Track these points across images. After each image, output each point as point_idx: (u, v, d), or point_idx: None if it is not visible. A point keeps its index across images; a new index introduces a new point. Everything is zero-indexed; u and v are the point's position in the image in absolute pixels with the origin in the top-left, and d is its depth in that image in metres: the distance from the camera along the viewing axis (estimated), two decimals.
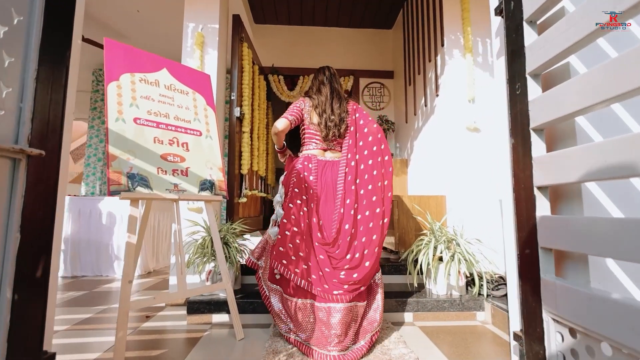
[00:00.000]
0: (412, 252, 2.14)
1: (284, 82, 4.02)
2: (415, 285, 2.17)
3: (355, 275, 1.53)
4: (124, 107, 1.63)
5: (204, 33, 2.49)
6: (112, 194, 1.44)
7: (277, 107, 5.92)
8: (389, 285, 2.29)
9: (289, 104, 6.18)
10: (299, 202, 1.70)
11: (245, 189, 2.93)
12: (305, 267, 1.57)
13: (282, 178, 1.92)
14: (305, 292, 1.56)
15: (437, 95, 2.75)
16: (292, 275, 1.57)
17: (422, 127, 3.13)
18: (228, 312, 1.88)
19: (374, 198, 1.65)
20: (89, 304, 2.30)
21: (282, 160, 2.08)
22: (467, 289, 2.12)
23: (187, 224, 2.13)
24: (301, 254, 1.60)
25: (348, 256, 1.58)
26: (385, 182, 1.70)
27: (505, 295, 2.00)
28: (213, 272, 1.93)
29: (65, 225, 3.19)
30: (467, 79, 2.56)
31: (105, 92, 1.59)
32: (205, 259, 1.95)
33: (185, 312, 2.03)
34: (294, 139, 2.26)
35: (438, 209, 2.55)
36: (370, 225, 1.62)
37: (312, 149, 1.88)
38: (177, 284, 1.59)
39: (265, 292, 1.75)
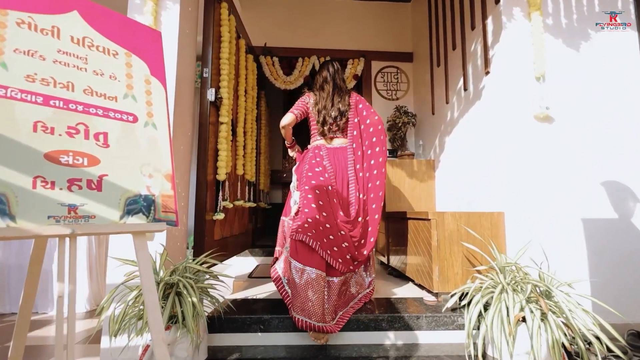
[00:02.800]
0: (468, 299, 1.40)
1: (279, 65, 3.27)
2: (478, 355, 1.41)
3: (365, 252, 1.78)
4: None
5: None
6: None
7: (272, 97, 5.16)
8: (429, 347, 1.54)
9: (286, 92, 5.42)
10: (313, 182, 1.77)
11: (225, 199, 2.18)
12: (326, 240, 1.64)
13: (294, 167, 2.01)
14: (321, 263, 1.59)
15: (487, 73, 2.01)
16: (315, 244, 1.60)
17: (458, 118, 2.38)
18: None
19: (378, 182, 1.84)
20: None
21: (291, 155, 2.17)
22: None
23: (117, 262, 1.38)
24: (321, 228, 1.66)
25: (360, 233, 1.77)
26: (383, 170, 1.86)
27: None
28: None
29: None
30: (534, 48, 1.82)
31: None
32: (143, 324, 1.20)
33: None
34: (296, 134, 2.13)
35: (494, 232, 1.80)
36: (374, 206, 1.83)
37: (319, 140, 1.96)
38: None
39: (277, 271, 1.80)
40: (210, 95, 1.94)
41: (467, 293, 1.53)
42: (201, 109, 1.94)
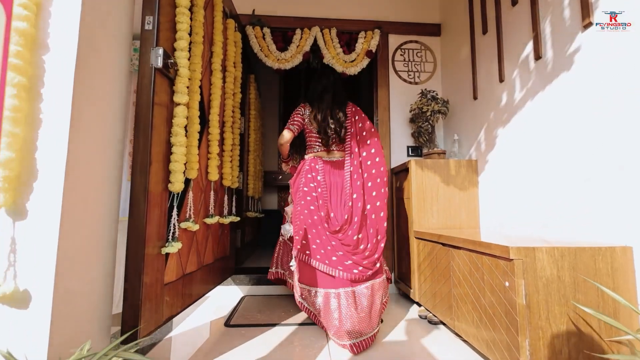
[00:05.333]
0: None
1: (272, 39, 2.55)
2: None
3: (376, 256, 1.68)
4: None
5: None
6: None
7: (264, 84, 4.42)
8: None
9: (281, 76, 4.59)
10: (308, 198, 1.82)
11: (187, 219, 1.47)
12: (323, 251, 1.68)
13: (291, 180, 2.00)
14: (327, 281, 1.62)
15: (587, 27, 1.30)
16: (315, 262, 1.66)
17: (524, 101, 1.67)
18: None
19: (374, 193, 1.78)
20: None
21: (284, 169, 2.20)
22: None
23: None
24: (318, 240, 1.71)
25: (362, 246, 1.72)
26: (378, 180, 1.80)
27: None
28: None
29: None
30: None
31: None
32: None
33: None
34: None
35: (616, 281, 1.09)
36: (373, 217, 1.75)
37: (317, 152, 1.96)
38: None
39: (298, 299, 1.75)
40: (156, 58, 1.23)
41: None
42: (140, 78, 1.22)
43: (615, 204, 1.17)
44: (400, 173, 2.34)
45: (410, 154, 2.60)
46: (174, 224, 1.34)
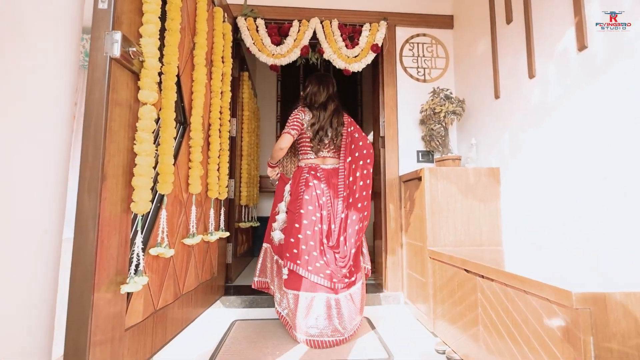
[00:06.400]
0: None
1: (266, 31, 2.29)
2: None
3: (347, 271, 1.72)
4: None
5: None
6: None
7: (260, 79, 4.16)
8: None
9: (278, 74, 4.39)
10: (310, 207, 1.77)
11: (159, 244, 1.21)
12: (318, 265, 1.68)
13: (288, 186, 1.93)
14: (315, 286, 1.66)
15: None
16: (306, 272, 1.66)
17: (561, 99, 1.41)
18: None
19: (359, 205, 1.82)
20: None
21: (270, 174, 2.05)
22: None
23: None
24: (314, 253, 1.70)
25: (348, 254, 1.75)
26: (369, 192, 1.84)
27: None
28: None
29: None
30: None
31: None
32: None
33: None
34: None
35: None
36: (356, 227, 1.79)
37: (313, 158, 1.92)
38: None
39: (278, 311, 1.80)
40: (112, 44, 0.96)
41: None
42: (91, 71, 0.96)
43: None
44: (410, 182, 2.07)
45: (420, 159, 2.34)
46: (137, 254, 1.07)
